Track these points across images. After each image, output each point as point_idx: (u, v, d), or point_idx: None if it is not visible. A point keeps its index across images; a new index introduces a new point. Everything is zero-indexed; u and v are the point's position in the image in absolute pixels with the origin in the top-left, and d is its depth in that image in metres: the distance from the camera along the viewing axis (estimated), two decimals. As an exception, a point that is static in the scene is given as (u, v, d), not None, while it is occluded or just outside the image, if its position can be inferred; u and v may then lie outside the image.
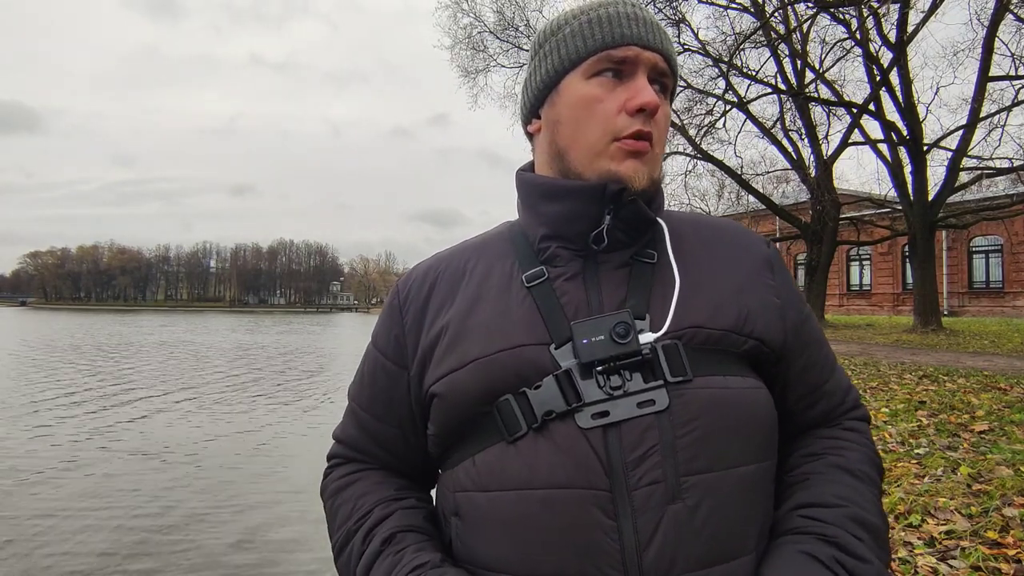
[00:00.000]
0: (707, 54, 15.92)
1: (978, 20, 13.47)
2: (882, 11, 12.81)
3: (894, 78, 14.12)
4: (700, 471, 0.67)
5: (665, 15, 15.46)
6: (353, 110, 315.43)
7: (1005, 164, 14.06)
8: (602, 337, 0.70)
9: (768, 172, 20.56)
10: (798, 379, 0.81)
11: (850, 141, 15.98)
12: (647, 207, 0.77)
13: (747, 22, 15.55)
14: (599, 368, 0.70)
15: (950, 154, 14.09)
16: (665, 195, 0.86)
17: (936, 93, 14.84)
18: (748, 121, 16.85)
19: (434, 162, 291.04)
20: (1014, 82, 13.56)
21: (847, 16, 13.55)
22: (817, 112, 16.84)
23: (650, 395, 0.69)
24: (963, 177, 14.92)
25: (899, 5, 12.37)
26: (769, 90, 16.26)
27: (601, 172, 0.76)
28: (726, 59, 14.90)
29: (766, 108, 18.86)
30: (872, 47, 14.19)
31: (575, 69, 0.78)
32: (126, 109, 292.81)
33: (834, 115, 17.04)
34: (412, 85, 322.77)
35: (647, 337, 0.71)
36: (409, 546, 0.74)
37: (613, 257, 0.77)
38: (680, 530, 0.65)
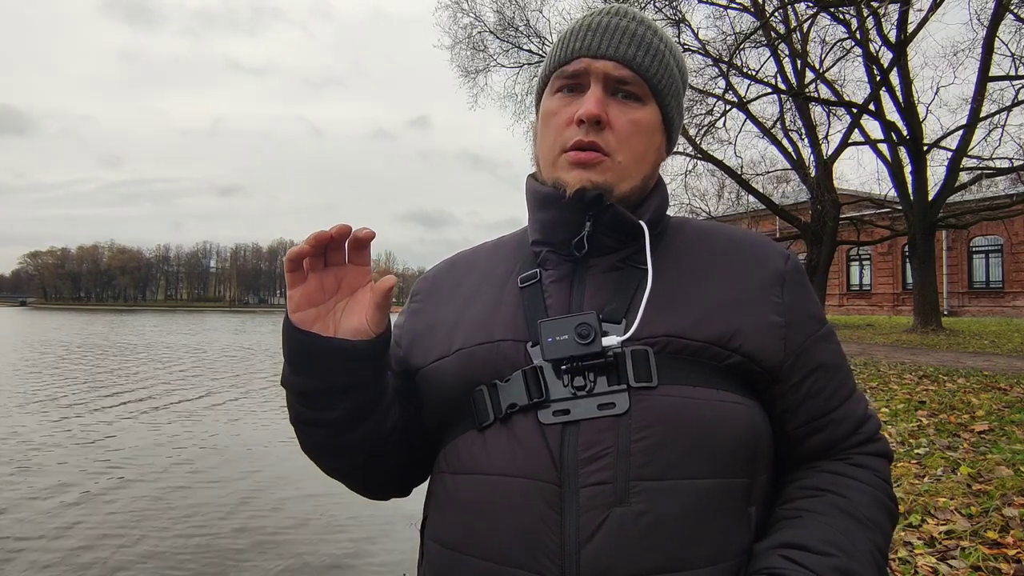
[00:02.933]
0: (707, 54, 15.90)
1: (978, 20, 13.50)
2: (882, 11, 12.81)
3: (894, 78, 14.13)
4: (651, 477, 0.66)
5: (665, 15, 15.43)
6: (334, 113, 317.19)
7: (1005, 164, 14.07)
8: (566, 337, 0.71)
9: (768, 172, 20.54)
10: (801, 404, 0.76)
11: (850, 141, 15.97)
12: (628, 212, 0.78)
13: (747, 22, 15.56)
14: (564, 367, 0.71)
15: (950, 154, 14.10)
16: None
17: (936, 93, 14.78)
18: (748, 121, 16.83)
19: (417, 164, 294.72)
20: (1014, 82, 13.58)
21: (847, 16, 13.55)
22: (817, 112, 16.84)
23: (612, 398, 0.69)
24: (963, 177, 14.92)
25: (899, 5, 12.36)
26: (769, 90, 16.25)
27: (554, 181, 0.79)
28: (726, 59, 14.89)
29: (766, 108, 18.79)
30: (872, 47, 14.19)
31: (546, 88, 0.83)
32: (111, 112, 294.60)
33: (834, 115, 17.03)
34: (390, 89, 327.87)
35: (611, 340, 0.70)
36: None
37: (602, 261, 0.79)
38: (622, 533, 0.64)
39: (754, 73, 15.92)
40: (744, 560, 0.68)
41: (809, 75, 15.83)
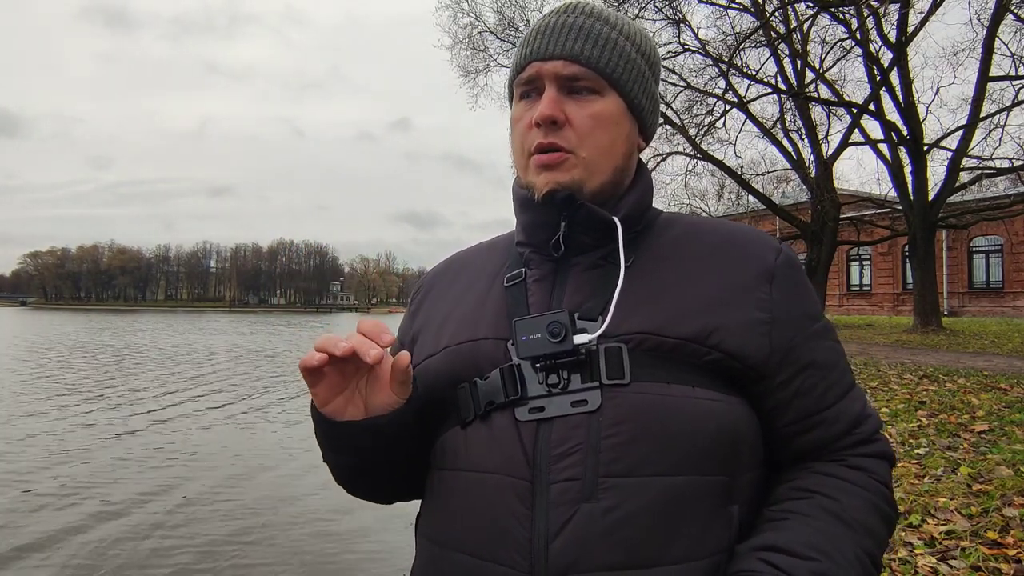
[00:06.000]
0: (707, 54, 15.91)
1: (978, 20, 13.50)
2: (882, 11, 12.81)
3: (894, 78, 14.13)
4: (619, 474, 0.66)
5: (665, 15, 15.46)
6: (317, 116, 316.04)
7: (1005, 164, 14.08)
8: (539, 335, 0.72)
9: (768, 172, 20.57)
10: (791, 402, 0.75)
11: (850, 141, 15.97)
12: (603, 209, 0.78)
13: (747, 22, 15.56)
14: (538, 365, 0.73)
15: (950, 154, 14.11)
16: (664, 195, 0.86)
17: (936, 93, 14.80)
18: (748, 121, 16.84)
19: (403, 165, 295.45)
20: (1014, 82, 13.59)
21: (847, 16, 13.55)
22: (817, 112, 16.83)
23: (584, 395, 0.70)
24: (963, 177, 14.92)
25: (899, 5, 12.37)
26: (769, 90, 16.26)
27: (528, 184, 0.80)
28: (726, 59, 14.90)
29: (766, 108, 18.80)
30: (872, 47, 14.19)
31: (513, 96, 0.85)
32: (100, 115, 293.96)
33: (834, 115, 17.04)
34: (370, 92, 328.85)
35: (582, 338, 0.71)
36: None
37: (584, 259, 0.80)
38: (589, 529, 0.65)
39: (754, 73, 15.94)
40: (723, 559, 0.67)
41: (809, 75, 15.84)
